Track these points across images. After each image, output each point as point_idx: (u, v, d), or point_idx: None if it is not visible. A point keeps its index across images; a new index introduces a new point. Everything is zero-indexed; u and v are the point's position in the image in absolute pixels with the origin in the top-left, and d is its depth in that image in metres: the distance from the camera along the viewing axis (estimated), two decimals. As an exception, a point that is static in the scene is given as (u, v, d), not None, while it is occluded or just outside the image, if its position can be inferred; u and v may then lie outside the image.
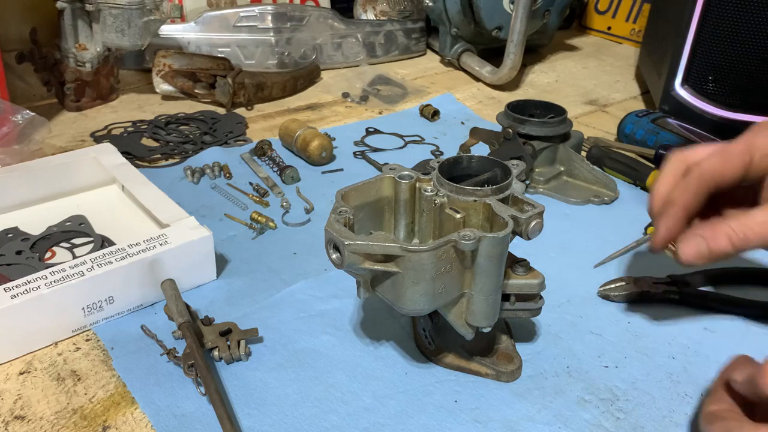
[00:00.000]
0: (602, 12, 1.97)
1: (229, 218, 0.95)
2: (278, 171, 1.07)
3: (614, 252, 0.89)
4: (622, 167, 1.09)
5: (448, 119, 1.34)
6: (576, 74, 1.66)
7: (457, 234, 0.57)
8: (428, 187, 0.64)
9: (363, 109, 1.38)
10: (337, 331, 0.74)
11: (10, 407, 0.63)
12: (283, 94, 1.42)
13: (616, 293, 0.80)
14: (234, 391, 0.65)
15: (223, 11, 1.51)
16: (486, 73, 1.54)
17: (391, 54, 1.67)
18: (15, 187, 0.90)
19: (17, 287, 0.67)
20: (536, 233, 0.61)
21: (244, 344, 0.69)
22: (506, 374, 0.67)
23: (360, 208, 0.64)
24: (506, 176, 0.64)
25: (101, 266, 0.71)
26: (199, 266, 0.79)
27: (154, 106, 1.33)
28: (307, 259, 0.86)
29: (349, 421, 0.62)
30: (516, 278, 0.64)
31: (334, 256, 0.59)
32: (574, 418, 0.63)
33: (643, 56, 1.57)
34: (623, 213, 1.00)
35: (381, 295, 0.62)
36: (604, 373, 0.69)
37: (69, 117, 1.28)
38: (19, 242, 0.83)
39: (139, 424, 0.61)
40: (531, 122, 1.01)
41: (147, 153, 1.12)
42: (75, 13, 1.23)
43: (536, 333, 0.74)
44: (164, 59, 1.31)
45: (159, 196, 0.87)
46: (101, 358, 0.69)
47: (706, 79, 1.23)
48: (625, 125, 1.22)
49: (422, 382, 0.67)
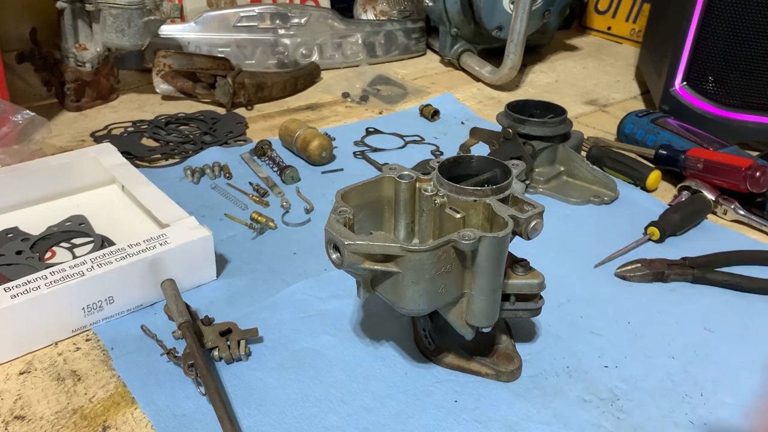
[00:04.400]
0: (602, 12, 1.97)
1: (229, 218, 0.95)
2: (278, 171, 1.07)
3: (614, 252, 0.89)
4: (622, 167, 1.09)
5: (448, 119, 1.34)
6: (576, 74, 1.66)
7: (457, 234, 0.57)
8: (428, 187, 0.64)
9: (363, 109, 1.38)
10: (337, 331, 0.74)
11: (10, 407, 0.63)
12: (283, 94, 1.42)
13: (632, 274, 0.83)
14: (234, 391, 0.65)
15: (223, 11, 1.51)
16: (486, 73, 1.54)
17: (391, 54, 1.67)
18: (15, 187, 0.90)
19: (17, 287, 0.67)
20: (536, 233, 0.61)
21: (244, 344, 0.69)
22: (506, 374, 0.67)
23: (360, 208, 0.65)
24: (506, 176, 0.64)
25: (101, 266, 0.71)
26: (199, 266, 0.79)
27: (154, 106, 1.33)
28: (307, 259, 0.86)
29: (349, 421, 0.62)
30: (516, 278, 0.64)
31: (334, 256, 0.59)
32: (574, 418, 0.63)
33: (643, 56, 1.57)
34: (623, 213, 1.00)
35: (381, 295, 0.62)
36: (604, 373, 0.69)
37: (69, 117, 1.28)
38: (19, 242, 0.82)
39: (139, 424, 0.61)
40: (531, 122, 1.01)
41: (147, 153, 1.12)
42: (75, 13, 1.23)
43: (536, 333, 0.74)
44: (164, 59, 1.31)
45: (159, 196, 0.87)
46: (101, 358, 0.69)
47: (706, 79, 1.23)
48: (625, 125, 1.22)
49: (422, 382, 0.67)
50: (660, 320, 0.77)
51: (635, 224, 0.95)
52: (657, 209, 0.98)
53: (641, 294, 0.82)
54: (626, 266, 0.84)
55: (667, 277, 0.83)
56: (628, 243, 0.91)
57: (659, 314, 0.78)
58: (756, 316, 0.79)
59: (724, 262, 0.87)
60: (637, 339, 0.74)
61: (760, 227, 0.96)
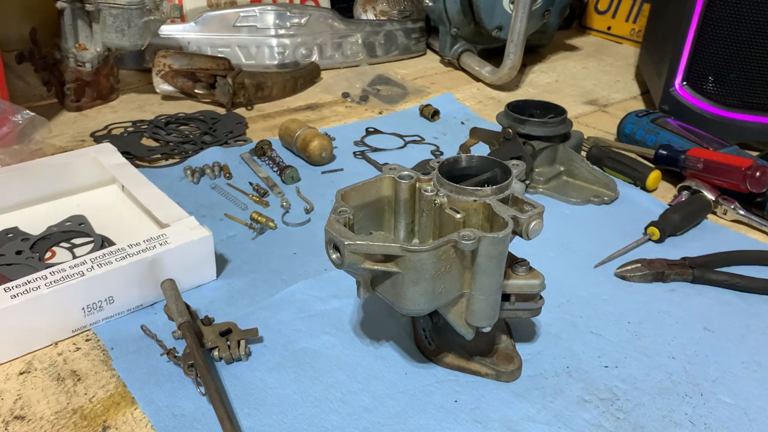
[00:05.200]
0: (602, 12, 1.97)
1: (229, 218, 0.95)
2: (278, 171, 1.07)
3: (614, 252, 0.89)
4: (622, 167, 1.09)
5: (448, 119, 1.34)
6: (576, 74, 1.66)
7: (457, 234, 0.57)
8: (428, 187, 0.64)
9: (363, 109, 1.38)
10: (337, 331, 0.74)
11: (10, 407, 0.63)
12: (283, 94, 1.42)
13: (632, 274, 0.83)
14: (234, 391, 0.65)
15: (223, 11, 1.51)
16: (486, 73, 1.54)
17: (391, 54, 1.67)
18: (15, 187, 0.90)
19: (17, 287, 0.67)
20: (536, 233, 0.61)
21: (244, 344, 0.69)
22: (506, 374, 0.67)
23: (360, 208, 0.65)
24: (506, 176, 0.64)
25: (101, 266, 0.71)
26: (199, 266, 0.79)
27: (154, 106, 1.33)
28: (307, 259, 0.86)
29: (349, 421, 0.62)
30: (516, 278, 0.64)
31: (334, 256, 0.59)
32: (574, 418, 0.63)
33: (643, 56, 1.57)
34: (623, 213, 1.00)
35: (381, 295, 0.62)
36: (604, 373, 0.69)
37: (69, 117, 1.28)
38: (19, 242, 0.82)
39: (139, 424, 0.61)
40: (531, 122, 1.01)
41: (147, 153, 1.12)
42: (75, 13, 1.23)
43: (536, 333, 0.74)
44: (164, 59, 1.31)
45: (159, 196, 0.87)
46: (101, 358, 0.69)
47: (706, 79, 1.23)
48: (625, 125, 1.22)
49: (422, 382, 0.67)
50: (660, 320, 0.77)
51: (635, 224, 0.95)
52: (657, 209, 0.98)
53: (641, 294, 0.82)
54: (626, 266, 0.84)
55: (667, 277, 0.83)
56: (628, 243, 0.91)
57: (659, 314, 0.78)
58: (756, 316, 0.79)
59: (724, 262, 0.87)
60: (637, 339, 0.74)
61: (760, 227, 0.96)
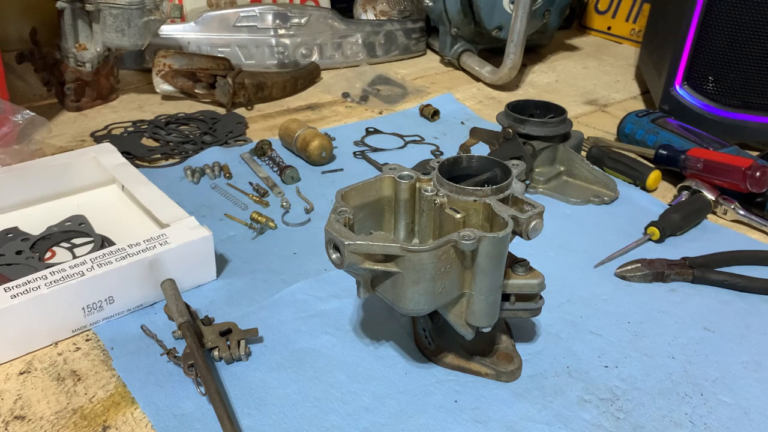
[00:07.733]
0: (602, 12, 1.96)
1: (229, 218, 0.95)
2: (278, 171, 1.07)
3: (614, 252, 0.89)
4: (622, 167, 1.09)
5: (448, 119, 1.34)
6: (576, 74, 1.65)
7: (457, 234, 0.57)
8: (428, 187, 0.64)
9: (363, 109, 1.38)
10: (337, 331, 0.74)
11: (10, 407, 0.63)
12: (283, 94, 1.42)
13: (632, 274, 0.83)
14: (234, 391, 0.65)
15: (223, 11, 1.51)
16: (486, 73, 1.54)
17: (391, 54, 1.67)
18: (15, 187, 0.90)
19: (17, 287, 0.67)
20: (536, 233, 0.61)
21: (244, 344, 0.69)
22: (506, 374, 0.67)
23: (360, 208, 0.65)
24: (506, 176, 0.64)
25: (101, 266, 0.71)
26: (199, 266, 0.79)
27: (154, 106, 1.33)
28: (307, 259, 0.86)
29: (349, 421, 0.62)
30: (516, 278, 0.64)
31: (334, 256, 0.59)
32: (574, 418, 0.63)
33: (643, 56, 1.57)
34: (623, 213, 1.00)
35: (381, 295, 0.62)
36: (604, 373, 0.69)
37: (69, 117, 1.28)
38: (19, 242, 0.82)
39: (139, 424, 0.61)
40: (531, 122, 1.01)
41: (147, 153, 1.12)
42: (75, 13, 1.23)
43: (536, 333, 0.74)
44: (164, 59, 1.31)
45: (159, 196, 0.87)
46: (101, 358, 0.69)
47: (706, 79, 1.23)
48: (625, 125, 1.22)
49: (422, 382, 0.67)
50: (660, 320, 0.77)
51: (635, 224, 0.95)
52: (657, 209, 0.98)
53: (641, 294, 0.82)
54: (626, 266, 0.84)
55: (667, 277, 0.83)
56: (628, 243, 0.91)
57: (659, 314, 0.78)
58: (756, 316, 0.79)
59: (724, 262, 0.87)
60: (637, 339, 0.74)
61: (760, 227, 0.96)
